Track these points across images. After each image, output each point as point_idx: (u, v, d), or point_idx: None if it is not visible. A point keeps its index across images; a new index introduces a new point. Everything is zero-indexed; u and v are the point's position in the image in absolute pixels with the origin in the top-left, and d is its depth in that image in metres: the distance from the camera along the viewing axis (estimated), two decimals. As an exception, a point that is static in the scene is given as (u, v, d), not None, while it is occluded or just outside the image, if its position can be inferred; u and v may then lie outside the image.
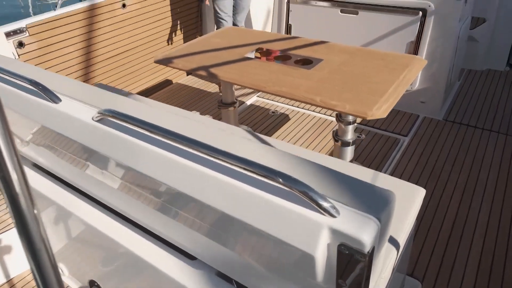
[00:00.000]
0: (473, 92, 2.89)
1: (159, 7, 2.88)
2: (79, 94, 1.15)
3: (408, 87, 2.58)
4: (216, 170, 0.80)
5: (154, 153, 0.88)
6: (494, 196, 1.93)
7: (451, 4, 2.29)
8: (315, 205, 0.67)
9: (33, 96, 1.13)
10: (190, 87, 3.04)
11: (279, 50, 1.96)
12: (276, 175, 0.69)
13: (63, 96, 1.12)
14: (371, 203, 0.69)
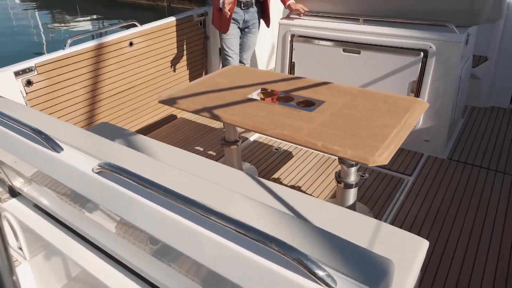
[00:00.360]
0: (477, 130, 2.88)
1: (165, 45, 2.95)
2: (81, 142, 1.16)
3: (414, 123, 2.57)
4: (211, 229, 0.79)
5: (150, 208, 0.88)
6: (502, 240, 1.88)
7: (452, 45, 2.32)
8: (311, 274, 0.65)
9: (35, 144, 1.15)
10: (194, 122, 3.06)
11: (282, 91, 1.98)
12: (271, 241, 0.68)
13: (65, 145, 1.13)
14: (370, 273, 0.68)
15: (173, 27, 2.98)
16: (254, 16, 2.88)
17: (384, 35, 2.49)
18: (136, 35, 2.74)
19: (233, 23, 2.82)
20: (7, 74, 2.17)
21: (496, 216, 2.03)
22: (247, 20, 2.85)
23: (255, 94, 1.96)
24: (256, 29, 2.97)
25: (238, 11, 2.79)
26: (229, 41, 2.87)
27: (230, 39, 2.87)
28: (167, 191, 0.83)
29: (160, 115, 3.08)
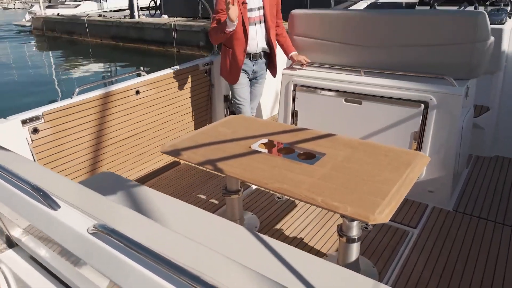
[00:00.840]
0: (483, 180, 2.85)
1: (171, 93, 3.03)
2: (79, 199, 1.16)
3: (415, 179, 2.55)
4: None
5: (141, 273, 0.86)
6: None
7: (452, 97, 2.35)
8: None
9: (33, 200, 1.15)
10: (197, 168, 3.07)
11: (283, 142, 1.99)
12: None
13: (62, 202, 1.13)
14: None
15: (180, 75, 3.07)
16: (262, 67, 2.98)
17: (384, 87, 2.53)
18: (142, 84, 2.82)
19: (243, 73, 2.91)
20: (15, 123, 2.23)
21: (505, 273, 1.95)
22: (255, 71, 2.95)
23: (257, 145, 1.98)
24: (263, 79, 3.07)
25: (247, 62, 2.88)
26: (240, 91, 2.94)
27: (241, 88, 2.94)
28: (158, 257, 0.82)
29: (163, 161, 3.10)
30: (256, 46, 2.84)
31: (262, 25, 2.83)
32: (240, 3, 2.67)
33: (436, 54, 2.48)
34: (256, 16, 2.78)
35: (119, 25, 16.29)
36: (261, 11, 2.80)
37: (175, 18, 14.68)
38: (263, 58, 2.94)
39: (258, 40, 2.83)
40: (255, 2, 2.76)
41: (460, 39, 2.38)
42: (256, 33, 2.80)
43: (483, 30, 2.33)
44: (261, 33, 2.84)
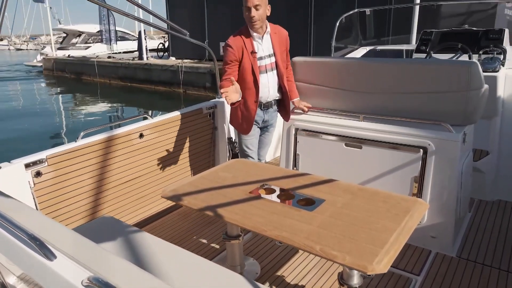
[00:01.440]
0: (486, 225, 2.82)
1: (174, 136, 3.09)
2: (77, 250, 1.17)
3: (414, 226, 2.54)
4: None
5: None
6: None
7: (450, 143, 2.38)
8: None
9: (29, 249, 1.16)
10: (197, 213, 3.07)
11: (283, 188, 2.01)
12: None
13: (59, 252, 1.14)
14: None
15: (184, 119, 3.14)
16: (273, 116, 2.89)
17: (384, 132, 2.58)
18: (147, 127, 2.89)
19: (254, 124, 2.81)
20: (18, 167, 2.26)
21: None
22: (266, 120, 2.86)
23: (257, 190, 2.00)
24: (274, 127, 2.97)
25: (258, 112, 2.77)
26: (249, 141, 2.85)
27: (250, 139, 2.84)
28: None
29: (164, 204, 3.11)
30: (268, 94, 2.74)
31: (274, 72, 2.74)
32: (249, 53, 2.62)
33: (433, 101, 2.54)
34: (267, 64, 2.69)
35: (128, 66, 16.83)
36: (272, 58, 2.71)
37: (182, 60, 15.16)
38: (274, 106, 2.84)
39: (270, 88, 2.73)
40: (265, 50, 2.68)
41: (455, 87, 2.45)
42: (268, 81, 2.71)
43: (477, 79, 2.40)
44: (273, 80, 2.74)
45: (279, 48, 2.74)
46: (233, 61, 2.60)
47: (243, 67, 2.63)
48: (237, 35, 2.64)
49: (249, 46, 2.62)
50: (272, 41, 2.70)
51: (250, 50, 2.62)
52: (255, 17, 2.53)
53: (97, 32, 24.16)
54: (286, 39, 2.82)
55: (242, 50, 2.60)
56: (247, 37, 2.63)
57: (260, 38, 2.65)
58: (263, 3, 2.54)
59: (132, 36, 25.95)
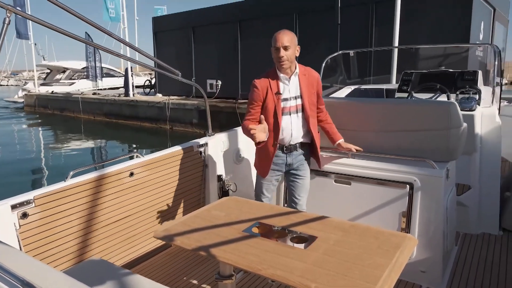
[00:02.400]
0: (472, 258, 2.88)
1: (165, 174, 3.11)
2: None
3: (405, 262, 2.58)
4: None
5: None
6: None
7: (434, 179, 2.48)
8: None
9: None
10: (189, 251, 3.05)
11: (276, 226, 2.04)
12: None
13: None
14: None
15: (174, 157, 3.18)
16: (300, 159, 2.68)
17: (372, 168, 2.67)
18: (137, 166, 2.90)
19: (275, 168, 2.66)
20: (4, 208, 2.18)
21: None
22: (290, 164, 2.67)
23: (251, 228, 2.02)
24: (306, 170, 2.72)
25: (280, 154, 2.64)
26: (264, 186, 2.72)
27: (267, 184, 2.71)
28: None
29: (154, 243, 3.08)
30: (290, 138, 2.60)
31: (300, 114, 2.60)
32: (273, 94, 2.54)
33: (417, 138, 2.67)
34: (292, 106, 2.57)
35: (113, 102, 16.89)
36: (298, 100, 2.58)
37: (169, 97, 15.33)
38: (299, 150, 2.66)
39: (293, 131, 2.59)
40: (291, 91, 2.57)
41: (437, 126, 2.59)
42: (291, 123, 2.58)
43: (456, 118, 2.54)
44: (297, 123, 2.60)
45: (308, 90, 2.61)
46: (256, 101, 2.58)
47: (266, 107, 2.56)
48: (264, 75, 2.60)
49: (274, 87, 2.56)
50: (300, 83, 2.59)
51: (275, 91, 2.55)
52: (283, 57, 2.48)
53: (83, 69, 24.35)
54: (317, 81, 2.67)
55: (266, 90, 2.54)
56: (274, 77, 2.58)
57: (287, 79, 2.57)
58: (293, 44, 2.49)
59: (117, 72, 26.23)
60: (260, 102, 2.58)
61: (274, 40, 2.51)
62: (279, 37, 2.48)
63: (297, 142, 2.64)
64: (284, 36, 2.47)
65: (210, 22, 14.59)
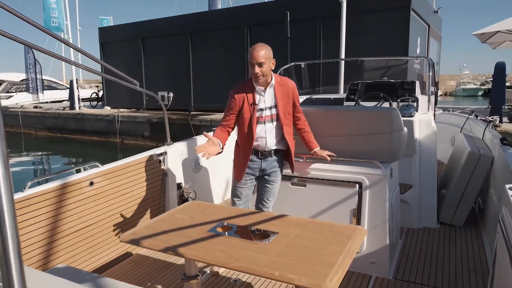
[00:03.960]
0: (414, 249, 3.18)
1: (125, 183, 3.12)
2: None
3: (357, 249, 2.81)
4: None
5: None
6: None
7: (380, 178, 2.74)
8: None
9: None
10: (153, 257, 3.07)
11: (239, 225, 2.16)
12: None
13: None
14: None
15: (133, 166, 3.20)
16: (273, 165, 2.81)
17: (324, 170, 2.89)
18: (96, 175, 2.90)
19: (249, 172, 2.79)
20: None
21: None
22: (264, 169, 2.80)
23: (215, 228, 2.13)
24: (278, 176, 2.86)
25: (255, 159, 2.77)
26: (239, 190, 2.83)
27: (241, 188, 2.82)
28: None
29: (118, 251, 3.06)
30: (265, 145, 2.73)
31: (275, 123, 2.72)
32: (249, 104, 2.66)
33: (364, 142, 2.93)
34: (267, 115, 2.69)
35: (58, 116, 16.13)
36: (273, 110, 2.70)
37: (118, 110, 14.93)
38: (273, 156, 2.79)
39: (267, 139, 2.72)
40: (267, 101, 2.68)
41: (381, 130, 2.86)
42: (265, 132, 2.70)
43: (397, 123, 2.83)
44: (272, 131, 2.72)
45: (283, 100, 2.71)
46: (232, 110, 2.70)
47: (242, 116, 2.70)
48: (241, 86, 2.71)
49: (250, 98, 2.67)
50: (275, 94, 2.70)
51: (251, 102, 2.66)
52: (258, 73, 2.57)
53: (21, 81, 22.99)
54: (292, 91, 2.76)
55: (243, 100, 2.66)
56: (250, 89, 2.68)
57: (263, 90, 2.67)
58: (267, 59, 2.57)
59: (60, 85, 25.04)
60: (236, 111, 2.71)
61: (249, 56, 2.57)
62: (254, 53, 2.54)
63: (271, 149, 2.77)
64: (259, 53, 2.53)
65: (160, 33, 14.51)
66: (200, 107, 13.87)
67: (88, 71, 2.92)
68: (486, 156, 3.56)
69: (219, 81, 13.28)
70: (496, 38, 12.11)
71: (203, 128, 11.41)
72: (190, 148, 3.77)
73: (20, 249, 0.63)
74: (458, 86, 41.23)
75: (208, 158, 2.50)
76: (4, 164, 0.59)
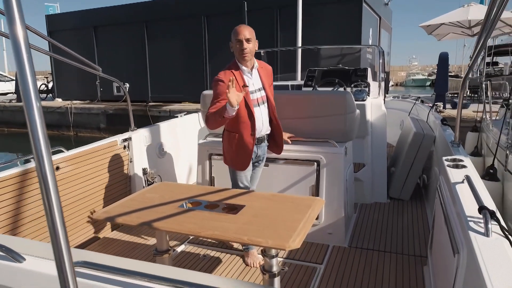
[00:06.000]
0: (367, 221, 3.48)
1: (91, 168, 3.14)
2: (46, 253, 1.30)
3: (316, 222, 3.05)
4: None
5: None
6: None
7: (335, 156, 2.99)
8: None
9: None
10: (123, 239, 3.13)
11: (208, 201, 2.31)
12: None
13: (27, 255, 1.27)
14: None
15: (98, 151, 3.23)
16: (264, 151, 2.81)
17: (286, 151, 3.08)
18: (62, 160, 2.91)
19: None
20: None
21: (389, 286, 2.45)
22: (259, 155, 2.77)
23: (185, 204, 2.25)
24: (264, 161, 2.88)
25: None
26: (244, 178, 2.73)
27: (245, 176, 2.73)
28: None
29: (87, 234, 3.09)
30: (262, 128, 2.67)
31: (265, 105, 2.68)
32: (241, 87, 2.52)
33: (322, 123, 3.15)
34: (258, 98, 2.62)
35: (3, 109, 15.25)
36: (262, 92, 2.65)
37: (71, 102, 14.38)
38: (265, 141, 2.78)
39: (263, 122, 2.66)
40: (255, 84, 2.63)
41: (336, 112, 3.10)
42: (261, 114, 2.64)
43: (351, 105, 3.08)
44: (265, 113, 2.68)
45: (267, 82, 2.69)
46: (223, 94, 2.44)
47: None
48: (227, 69, 2.56)
49: (240, 80, 2.53)
50: (260, 75, 2.67)
51: (242, 84, 2.52)
52: (246, 50, 2.49)
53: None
54: (271, 74, 2.77)
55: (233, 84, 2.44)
56: (237, 71, 2.56)
57: (249, 72, 2.60)
58: (253, 38, 2.52)
59: (5, 77, 23.56)
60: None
61: (235, 33, 2.49)
62: (240, 30, 2.48)
63: (265, 133, 2.73)
64: (246, 29, 2.48)
65: (114, 22, 14.05)
66: (158, 98, 13.68)
67: (48, 55, 2.90)
68: (429, 136, 3.92)
69: (177, 71, 13.16)
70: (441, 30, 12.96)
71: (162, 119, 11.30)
72: (154, 134, 3.83)
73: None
74: (408, 77, 43.38)
75: (234, 105, 2.30)
76: None
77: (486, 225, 1.48)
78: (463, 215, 1.65)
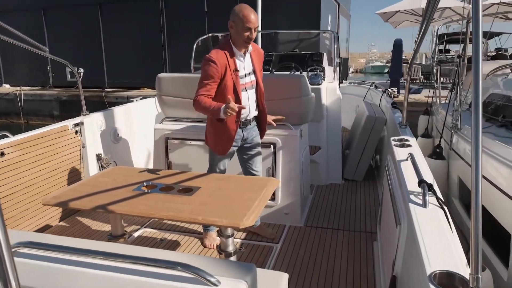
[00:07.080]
0: (323, 202, 3.61)
1: (40, 153, 3.01)
2: None
3: (273, 203, 3.12)
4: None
5: None
6: (346, 283, 2.39)
7: (291, 138, 3.05)
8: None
9: None
10: (74, 227, 3.05)
11: (163, 183, 2.29)
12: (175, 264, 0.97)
13: None
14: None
15: (48, 136, 3.09)
16: (253, 132, 2.73)
17: None
18: (7, 145, 2.77)
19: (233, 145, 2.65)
20: None
21: (341, 262, 2.57)
22: (246, 138, 2.70)
23: (140, 188, 2.23)
24: (259, 143, 2.80)
25: (238, 131, 2.62)
26: (221, 162, 2.72)
27: (223, 160, 2.71)
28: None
29: (37, 223, 2.98)
30: (248, 112, 2.63)
31: (254, 90, 2.63)
32: (232, 70, 2.47)
33: (278, 106, 3.19)
34: (247, 82, 2.57)
35: None
36: (252, 76, 2.60)
37: (20, 88, 13.57)
38: (252, 123, 2.71)
39: (250, 106, 2.62)
40: (246, 68, 2.56)
41: (291, 95, 3.15)
42: (248, 99, 2.59)
43: (305, 88, 3.14)
44: (253, 98, 2.63)
45: (258, 66, 2.65)
46: (214, 77, 2.42)
47: (225, 84, 2.46)
48: (220, 50, 2.46)
49: (232, 64, 2.48)
50: (252, 59, 2.62)
51: (233, 68, 2.47)
52: (252, 39, 2.46)
53: None
54: (262, 58, 2.72)
55: (225, 67, 2.44)
56: (231, 54, 2.49)
57: (242, 56, 2.54)
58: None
59: None
60: (218, 79, 2.45)
61: (245, 19, 2.38)
62: (251, 18, 2.38)
63: (252, 117, 2.69)
64: (255, 17, 2.40)
65: (65, 3, 13.32)
66: (115, 84, 13.20)
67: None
68: (380, 119, 4.09)
69: (135, 55, 12.73)
70: (396, 17, 13.34)
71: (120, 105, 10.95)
72: (108, 119, 3.72)
73: None
74: (367, 64, 44.61)
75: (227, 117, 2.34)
76: None
77: (424, 197, 1.59)
78: (405, 189, 1.76)
